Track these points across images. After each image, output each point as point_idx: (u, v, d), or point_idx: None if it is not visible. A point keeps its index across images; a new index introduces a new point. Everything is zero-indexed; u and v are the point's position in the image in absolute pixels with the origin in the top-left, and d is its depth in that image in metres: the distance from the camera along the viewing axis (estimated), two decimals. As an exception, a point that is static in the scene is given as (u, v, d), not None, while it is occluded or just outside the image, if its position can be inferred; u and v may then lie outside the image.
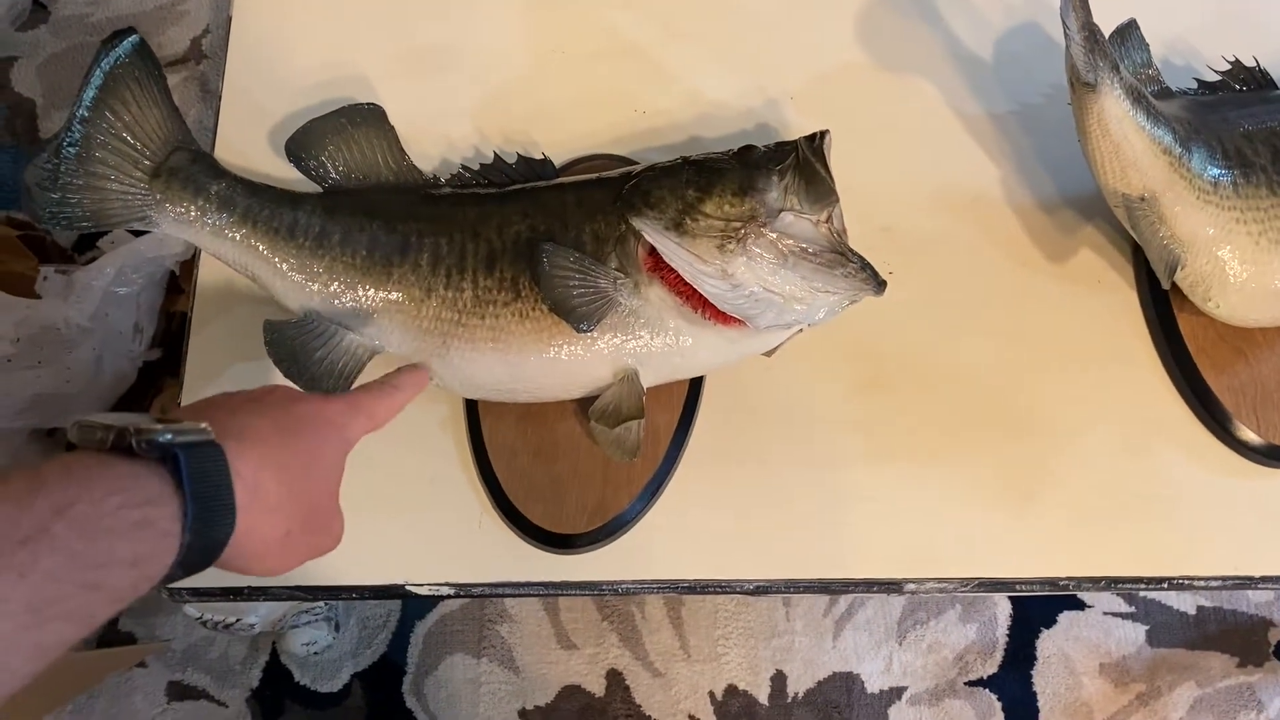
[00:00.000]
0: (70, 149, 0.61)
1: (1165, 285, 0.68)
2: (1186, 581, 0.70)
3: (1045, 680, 1.09)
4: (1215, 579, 0.70)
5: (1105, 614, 1.12)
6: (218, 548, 0.43)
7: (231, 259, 0.67)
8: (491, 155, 0.72)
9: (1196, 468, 0.72)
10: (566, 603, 1.12)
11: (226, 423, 0.46)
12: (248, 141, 0.79)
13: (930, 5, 0.85)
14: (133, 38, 0.62)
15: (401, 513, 0.69)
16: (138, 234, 1.10)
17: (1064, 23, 0.63)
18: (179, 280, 1.13)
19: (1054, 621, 1.11)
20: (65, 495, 0.38)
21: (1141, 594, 1.13)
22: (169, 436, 0.41)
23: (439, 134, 0.80)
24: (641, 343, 0.65)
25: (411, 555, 0.69)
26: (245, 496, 0.44)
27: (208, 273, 0.76)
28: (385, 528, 0.68)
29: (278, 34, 0.84)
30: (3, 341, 0.98)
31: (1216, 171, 0.67)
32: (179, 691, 1.09)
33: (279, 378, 0.67)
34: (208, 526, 0.42)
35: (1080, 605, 1.12)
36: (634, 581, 0.69)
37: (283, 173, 0.74)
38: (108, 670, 1.07)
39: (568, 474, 0.69)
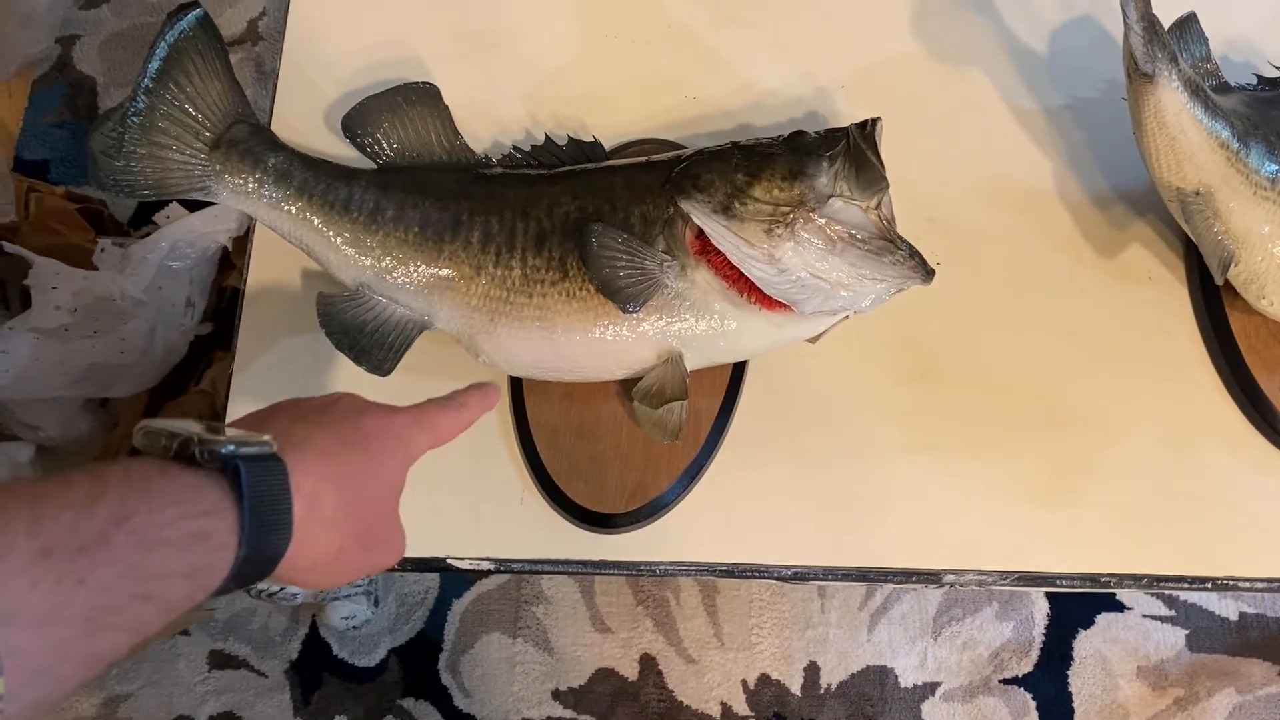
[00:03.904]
0: (135, 118, 0.63)
1: (1219, 281, 0.68)
2: (1231, 582, 0.69)
3: (1081, 681, 1.08)
4: (1261, 580, 0.69)
5: (1144, 617, 1.11)
6: (272, 562, 0.43)
7: (286, 231, 0.68)
8: (543, 137, 0.73)
9: (1244, 468, 0.71)
10: (602, 586, 1.13)
11: (289, 432, 0.45)
12: (303, 120, 0.80)
13: (985, -3, 0.85)
14: (197, 11, 0.64)
15: (445, 488, 0.70)
16: (192, 209, 1.12)
17: (1123, 11, 0.62)
18: (230, 256, 1.15)
19: (1092, 622, 1.10)
20: (126, 504, 0.37)
21: (1182, 598, 1.12)
22: (231, 448, 0.41)
23: (491, 115, 0.81)
24: (686, 325, 0.65)
25: (453, 530, 0.70)
26: (302, 511, 0.44)
27: (261, 247, 0.77)
28: (428, 502, 0.69)
29: (335, 14, 0.85)
30: (60, 311, 1.00)
31: (1274, 168, 0.66)
32: (220, 660, 1.11)
33: (330, 352, 0.68)
34: (264, 541, 0.41)
35: (1119, 607, 1.11)
36: (671, 563, 0.70)
37: (337, 151, 0.75)
38: (154, 636, 1.09)
39: (609, 454, 0.70)
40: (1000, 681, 1.09)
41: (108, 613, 0.36)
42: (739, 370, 0.72)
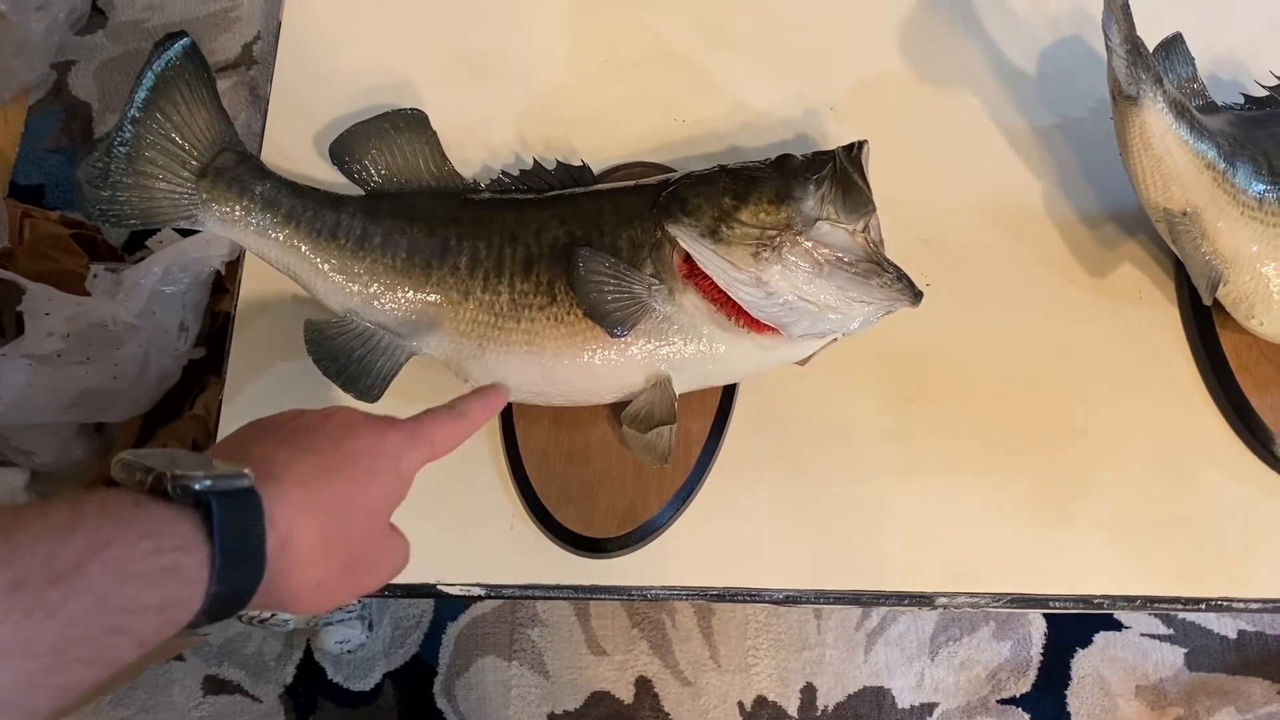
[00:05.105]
0: (121, 148, 0.63)
1: (1207, 301, 0.68)
2: (1225, 603, 0.69)
3: (1080, 701, 1.08)
4: (1255, 601, 0.69)
5: (1143, 635, 1.10)
6: (245, 597, 0.42)
7: (274, 259, 0.68)
8: (531, 161, 0.73)
9: (1237, 487, 0.71)
10: (597, 609, 1.12)
11: (271, 460, 0.45)
12: (294, 145, 0.80)
13: (973, 18, 0.85)
14: (184, 41, 0.64)
15: (434, 513, 0.70)
16: (185, 234, 1.12)
17: (1106, 34, 0.62)
18: (224, 280, 1.15)
19: (1090, 641, 1.10)
20: (101, 535, 0.37)
21: (1180, 616, 1.11)
22: (206, 484, 0.41)
23: (480, 140, 0.81)
24: (675, 349, 0.65)
25: (443, 555, 0.70)
26: (276, 545, 0.43)
27: (251, 273, 0.77)
28: (418, 527, 0.68)
29: (326, 40, 0.86)
30: (53, 337, 1.00)
31: (1261, 187, 0.66)
32: (215, 686, 1.11)
33: (321, 378, 0.68)
34: (235, 577, 0.41)
35: (1117, 626, 1.11)
36: (663, 587, 0.69)
37: (328, 176, 0.75)
38: (147, 662, 1.09)
39: (599, 478, 0.69)
40: (998, 702, 1.08)
41: (78, 645, 0.36)
42: (729, 393, 0.72)
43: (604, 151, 0.79)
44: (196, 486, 0.40)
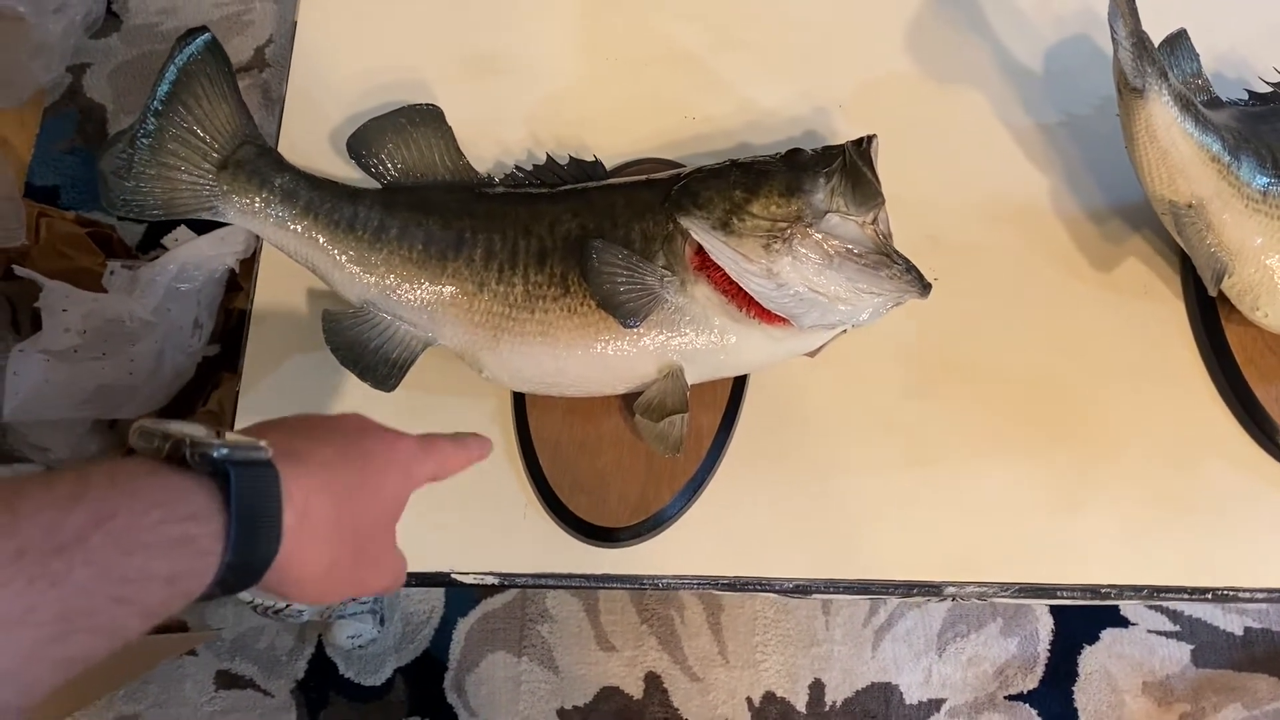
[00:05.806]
0: (144, 140, 0.64)
1: (1212, 292, 0.68)
2: (1231, 593, 0.69)
3: (1087, 697, 1.08)
4: (1261, 591, 0.69)
5: (1149, 632, 1.11)
6: (259, 570, 0.42)
7: (292, 250, 0.69)
8: (544, 157, 0.74)
9: (1243, 479, 0.71)
10: (607, 604, 1.13)
11: (288, 443, 0.45)
12: (309, 142, 0.81)
13: (980, 17, 0.86)
14: (205, 36, 0.65)
15: (448, 502, 0.70)
16: (200, 232, 1.13)
17: (1112, 28, 0.63)
18: (238, 278, 1.16)
19: (1096, 638, 1.10)
20: (107, 505, 0.36)
21: (1187, 613, 1.12)
22: (224, 451, 0.40)
23: (494, 137, 0.82)
24: (686, 339, 0.66)
25: (457, 544, 0.71)
26: (293, 520, 0.43)
27: (267, 269, 0.78)
28: (432, 516, 0.69)
29: (340, 40, 0.87)
30: (70, 333, 1.01)
31: (1265, 180, 0.67)
32: (227, 680, 1.12)
33: (335, 371, 0.69)
34: (251, 548, 0.40)
35: (1124, 622, 1.11)
36: (674, 576, 0.70)
37: (342, 173, 0.77)
38: (160, 656, 1.10)
39: (611, 468, 0.70)
40: (1005, 698, 1.09)
41: (82, 615, 0.35)
42: (739, 384, 0.73)
43: (615, 149, 0.80)
44: (215, 455, 0.40)
